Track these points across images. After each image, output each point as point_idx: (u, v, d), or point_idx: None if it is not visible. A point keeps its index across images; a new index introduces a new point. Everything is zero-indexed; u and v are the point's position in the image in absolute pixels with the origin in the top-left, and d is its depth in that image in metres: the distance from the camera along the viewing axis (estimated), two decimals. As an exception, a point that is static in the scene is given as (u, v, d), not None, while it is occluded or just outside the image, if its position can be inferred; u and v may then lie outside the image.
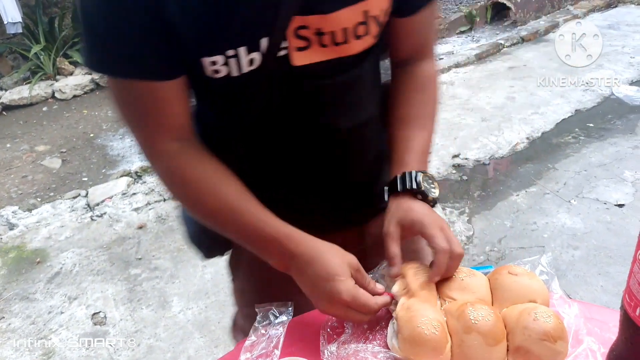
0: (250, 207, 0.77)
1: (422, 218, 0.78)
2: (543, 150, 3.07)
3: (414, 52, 0.88)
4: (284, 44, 0.71)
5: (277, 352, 0.74)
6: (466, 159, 3.03)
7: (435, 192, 0.83)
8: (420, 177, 0.81)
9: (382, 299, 0.76)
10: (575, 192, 2.68)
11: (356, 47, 0.76)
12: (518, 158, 3.03)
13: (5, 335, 2.07)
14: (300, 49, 0.72)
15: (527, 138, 3.19)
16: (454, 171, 2.94)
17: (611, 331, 0.77)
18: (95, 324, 2.09)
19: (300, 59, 0.73)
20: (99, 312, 2.14)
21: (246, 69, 0.71)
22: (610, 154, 2.95)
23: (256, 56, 0.70)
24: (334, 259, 0.74)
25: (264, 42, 0.69)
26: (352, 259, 0.76)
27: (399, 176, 0.82)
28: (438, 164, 2.99)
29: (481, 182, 2.85)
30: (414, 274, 0.79)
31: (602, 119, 3.34)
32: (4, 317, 2.16)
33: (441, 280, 0.82)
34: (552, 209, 2.57)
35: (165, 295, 2.16)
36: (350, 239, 0.85)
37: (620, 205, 2.49)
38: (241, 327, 1.07)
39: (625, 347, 0.62)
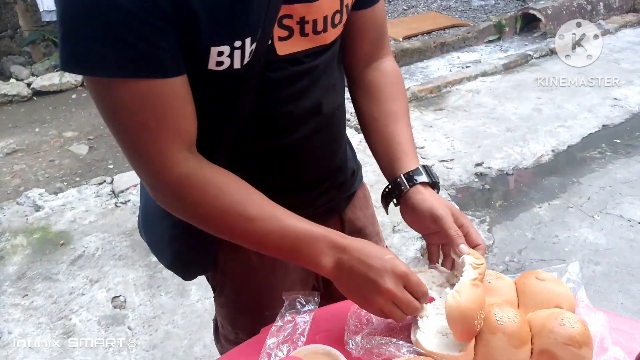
0: (284, 212, 0.76)
1: (457, 210, 0.84)
2: (568, 164, 3.04)
3: (373, 47, 0.93)
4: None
5: (303, 339, 0.76)
6: (489, 168, 3.02)
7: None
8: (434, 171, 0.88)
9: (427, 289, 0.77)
10: (599, 207, 2.64)
11: (332, 35, 0.80)
12: (542, 170, 3.00)
13: (27, 312, 2.13)
14: (282, 39, 0.74)
15: (553, 150, 3.16)
16: (476, 180, 2.93)
17: (637, 342, 0.77)
18: (115, 307, 2.13)
19: (283, 49, 0.75)
20: (119, 295, 2.18)
21: (246, 59, 0.71)
22: (637, 171, 2.91)
23: (254, 47, 0.71)
24: (379, 246, 0.78)
25: (259, 32, 0.70)
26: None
27: (424, 167, 0.86)
28: (460, 172, 2.98)
29: (503, 192, 2.83)
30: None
31: (629, 135, 3.29)
32: (27, 295, 2.21)
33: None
34: (575, 223, 2.55)
35: (184, 284, 2.19)
36: (334, 227, 0.86)
37: (645, 223, 2.46)
38: (223, 337, 1.08)
39: (654, 356, 0.62)
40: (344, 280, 0.75)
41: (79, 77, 4.24)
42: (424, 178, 0.86)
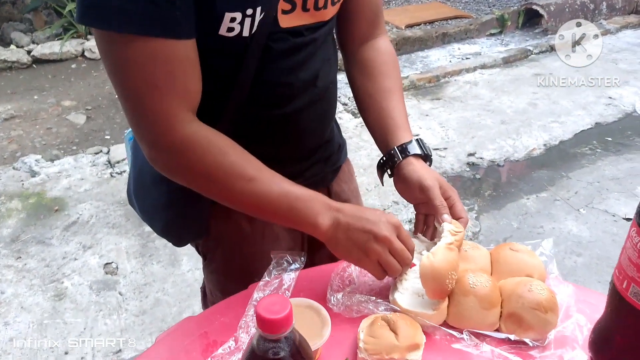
0: (280, 176, 0.79)
1: (445, 182, 0.89)
2: (559, 158, 3.09)
3: (369, 26, 0.97)
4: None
5: (288, 294, 0.81)
6: (481, 158, 3.07)
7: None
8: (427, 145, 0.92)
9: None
10: (586, 201, 2.70)
11: (330, 13, 0.84)
12: (533, 163, 3.05)
13: (20, 274, 2.17)
14: (285, 12, 0.77)
15: (544, 145, 3.21)
16: (468, 169, 2.98)
17: (600, 313, 0.82)
18: (107, 273, 2.18)
19: (285, 22, 0.78)
20: (112, 262, 2.23)
21: (254, 29, 0.74)
22: (625, 169, 2.97)
23: (262, 17, 0.74)
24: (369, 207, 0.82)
25: (267, 3, 0.74)
26: None
27: (417, 139, 0.91)
28: (453, 160, 3.03)
29: (493, 182, 2.88)
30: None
31: (621, 134, 3.35)
32: (20, 257, 2.25)
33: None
34: (561, 215, 2.60)
35: (176, 254, 2.23)
36: None
37: (629, 219, 2.51)
38: (212, 304, 1.09)
39: (610, 319, 0.67)
40: (341, 237, 0.77)
41: (79, 47, 4.24)
42: (416, 150, 0.91)
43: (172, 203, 0.93)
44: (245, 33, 0.74)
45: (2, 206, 2.57)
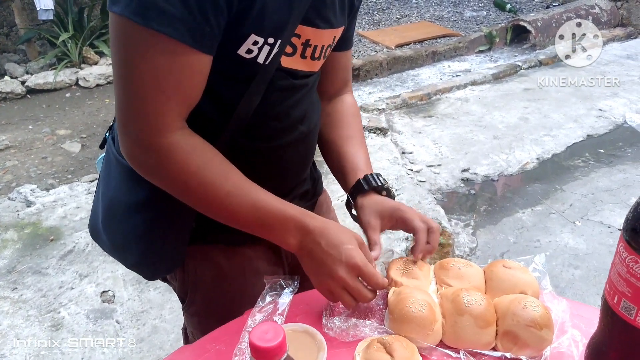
0: (259, 190, 0.81)
1: (398, 206, 0.91)
2: (552, 172, 3.12)
3: (342, 84, 1.07)
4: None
5: (282, 319, 0.81)
6: (475, 174, 3.08)
7: (393, 190, 0.98)
8: (381, 177, 0.97)
9: (385, 279, 0.82)
10: (581, 214, 2.71)
11: (319, 65, 0.91)
12: (527, 177, 3.07)
13: (17, 305, 2.15)
14: (286, 54, 0.82)
15: (537, 158, 3.24)
16: (462, 185, 2.99)
17: (595, 327, 0.82)
18: (103, 301, 2.16)
19: (285, 62, 0.83)
20: (108, 290, 2.21)
21: (269, 59, 0.78)
22: (618, 180, 2.99)
23: (278, 50, 0.78)
24: (345, 232, 0.81)
25: (285, 40, 0.78)
26: (357, 234, 0.83)
27: (361, 179, 0.95)
28: (447, 177, 3.04)
29: (488, 197, 2.89)
30: (397, 269, 0.87)
31: (613, 145, 3.38)
32: (16, 288, 2.24)
33: (440, 269, 0.89)
34: (557, 228, 2.61)
35: (173, 280, 2.22)
36: None
37: (624, 230, 2.52)
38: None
39: (603, 334, 0.68)
40: (305, 259, 0.81)
41: (73, 76, 4.28)
42: (365, 187, 0.95)
43: (148, 234, 0.90)
44: (260, 59, 0.78)
45: (-3, 237, 2.56)
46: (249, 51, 0.76)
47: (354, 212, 0.99)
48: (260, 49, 0.76)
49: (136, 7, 0.65)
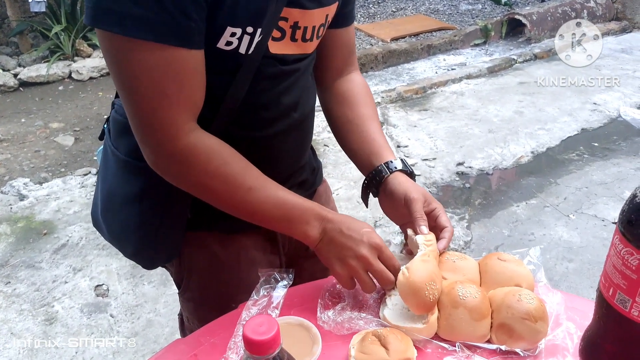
0: (276, 185, 0.83)
1: (430, 196, 0.91)
2: (546, 165, 3.12)
3: (344, 62, 1.02)
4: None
5: (277, 312, 0.80)
6: (470, 167, 3.09)
7: None
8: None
9: (399, 262, 0.82)
10: (575, 207, 2.72)
11: (313, 46, 0.89)
12: (521, 171, 3.08)
13: (10, 299, 2.14)
14: (274, 39, 0.81)
15: (532, 152, 3.24)
16: (457, 178, 2.99)
17: (589, 319, 0.82)
18: (97, 295, 2.15)
19: (274, 48, 0.81)
20: (102, 284, 2.20)
21: (252, 49, 0.77)
22: (612, 174, 3.00)
23: (260, 39, 0.77)
24: (360, 221, 0.84)
25: (266, 27, 0.76)
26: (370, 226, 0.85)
27: (400, 159, 0.94)
28: (442, 170, 3.04)
29: (483, 191, 2.90)
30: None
31: (607, 139, 3.39)
32: (10, 282, 2.22)
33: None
34: (551, 221, 2.62)
35: (167, 274, 2.20)
36: None
37: (618, 224, 2.53)
38: (190, 331, 1.08)
39: (598, 326, 0.68)
40: (325, 246, 0.82)
41: (66, 69, 4.24)
42: (401, 166, 0.93)
43: (144, 224, 0.91)
44: (242, 50, 0.76)
45: (-10, 231, 2.54)
46: (228, 43, 0.75)
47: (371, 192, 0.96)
48: (239, 39, 0.75)
49: (113, 18, 0.65)
